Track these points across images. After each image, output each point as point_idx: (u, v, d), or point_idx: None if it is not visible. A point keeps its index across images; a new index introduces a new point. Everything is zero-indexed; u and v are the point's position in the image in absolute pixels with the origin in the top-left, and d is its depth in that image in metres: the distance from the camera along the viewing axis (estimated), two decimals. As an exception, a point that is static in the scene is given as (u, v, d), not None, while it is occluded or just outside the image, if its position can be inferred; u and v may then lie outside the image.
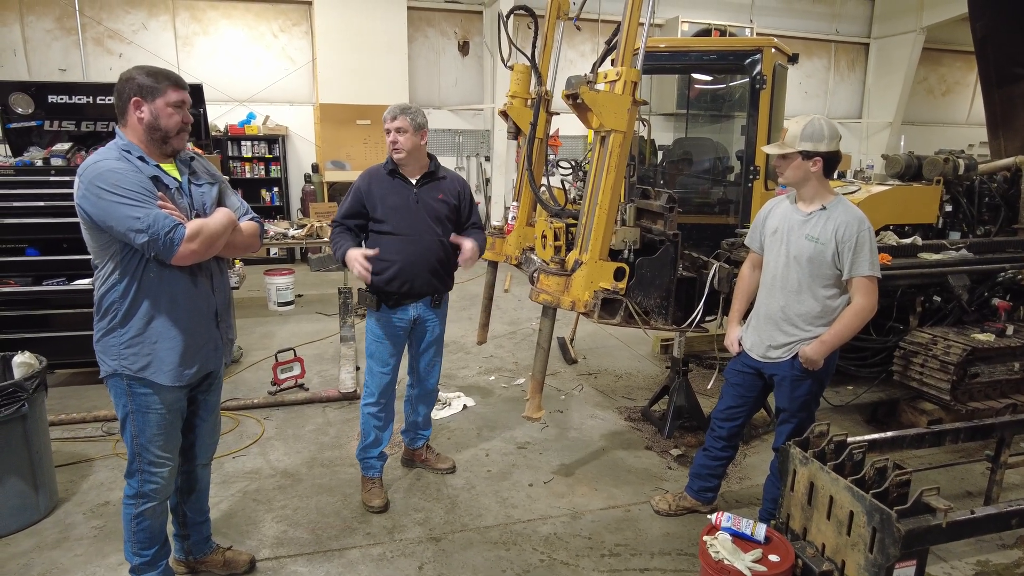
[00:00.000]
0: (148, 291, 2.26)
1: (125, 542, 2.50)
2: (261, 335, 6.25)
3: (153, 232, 2.10)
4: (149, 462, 2.40)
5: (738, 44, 4.88)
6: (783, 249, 2.85)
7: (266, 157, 9.92)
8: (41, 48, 9.06)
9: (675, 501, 3.34)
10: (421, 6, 10.53)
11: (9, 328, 4.78)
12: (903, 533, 2.15)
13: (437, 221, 3.27)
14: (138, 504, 2.43)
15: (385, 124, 3.18)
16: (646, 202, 3.42)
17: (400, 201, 3.21)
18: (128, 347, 2.29)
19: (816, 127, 2.69)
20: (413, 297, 3.31)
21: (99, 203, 2.10)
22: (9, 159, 4.79)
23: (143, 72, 2.22)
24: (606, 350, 6.04)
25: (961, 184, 5.00)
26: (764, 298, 2.96)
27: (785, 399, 2.94)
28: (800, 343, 2.82)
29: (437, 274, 3.32)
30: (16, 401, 2.98)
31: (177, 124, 2.26)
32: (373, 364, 3.35)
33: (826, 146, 2.70)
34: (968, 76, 13.78)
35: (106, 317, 2.30)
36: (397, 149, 3.16)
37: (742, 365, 3.08)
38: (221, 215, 2.36)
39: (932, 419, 4.07)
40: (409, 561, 2.95)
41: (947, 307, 4.36)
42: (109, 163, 2.14)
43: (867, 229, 2.69)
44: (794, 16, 12.40)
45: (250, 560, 2.87)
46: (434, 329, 3.46)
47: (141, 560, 2.50)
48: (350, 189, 3.30)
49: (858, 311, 2.72)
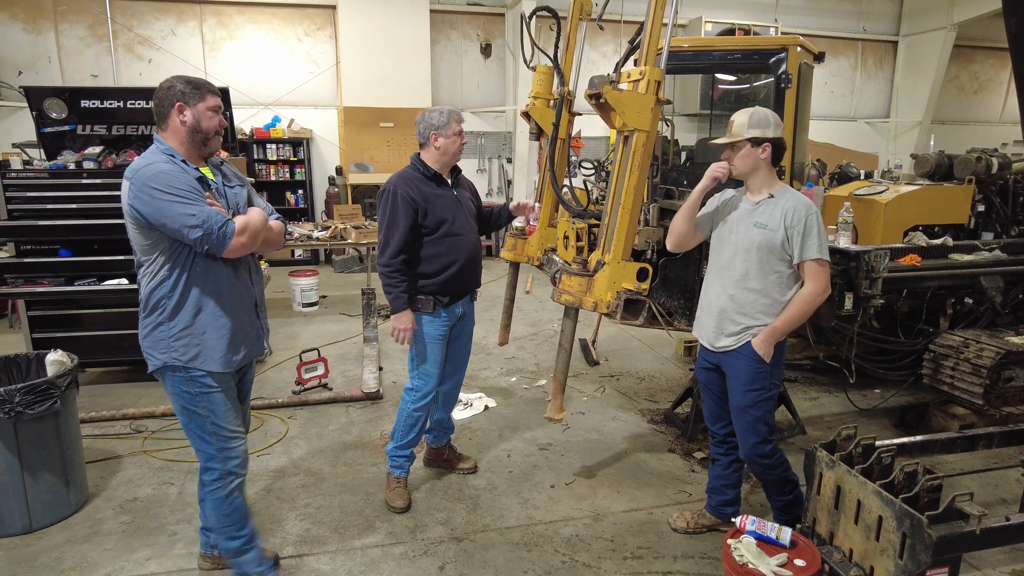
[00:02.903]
0: (195, 284, 2.36)
1: (218, 531, 2.56)
2: (286, 335, 6.32)
3: (208, 227, 2.22)
4: (226, 438, 2.49)
5: (763, 43, 4.80)
6: (732, 239, 2.83)
7: (291, 160, 10.06)
8: (74, 55, 9.29)
9: (694, 519, 3.21)
10: (444, 9, 10.59)
11: (42, 327, 4.91)
12: (935, 539, 2.11)
13: (474, 217, 3.43)
14: (226, 484, 2.50)
15: (457, 126, 3.26)
16: (670, 202, 3.40)
17: (449, 202, 3.29)
18: (177, 339, 2.37)
19: (761, 115, 2.73)
20: (467, 293, 3.43)
21: (153, 203, 2.20)
22: (43, 163, 4.91)
23: (182, 80, 2.34)
24: (628, 352, 6.01)
25: (994, 183, 4.88)
26: (714, 288, 2.91)
27: (739, 395, 2.83)
28: (749, 331, 2.77)
29: (480, 268, 3.50)
30: (49, 398, 3.05)
31: (216, 126, 2.39)
32: (429, 367, 3.34)
33: (772, 132, 2.72)
34: (1001, 73, 13.46)
35: (154, 312, 2.38)
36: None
37: (704, 361, 3.05)
38: (258, 212, 2.47)
39: (964, 423, 3.98)
40: (431, 560, 2.96)
41: (979, 309, 4.26)
42: (159, 165, 2.26)
43: (815, 214, 2.69)
44: (820, 15, 12.23)
45: (274, 557, 2.90)
46: (471, 321, 3.59)
47: (240, 542, 2.57)
48: (390, 206, 3.17)
49: (807, 295, 2.70)
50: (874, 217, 4.56)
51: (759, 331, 2.75)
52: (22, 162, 4.85)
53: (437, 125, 3.22)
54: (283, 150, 10.00)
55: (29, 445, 3.06)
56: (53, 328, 4.91)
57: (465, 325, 3.54)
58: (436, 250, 3.23)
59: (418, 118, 3.29)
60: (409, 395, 3.39)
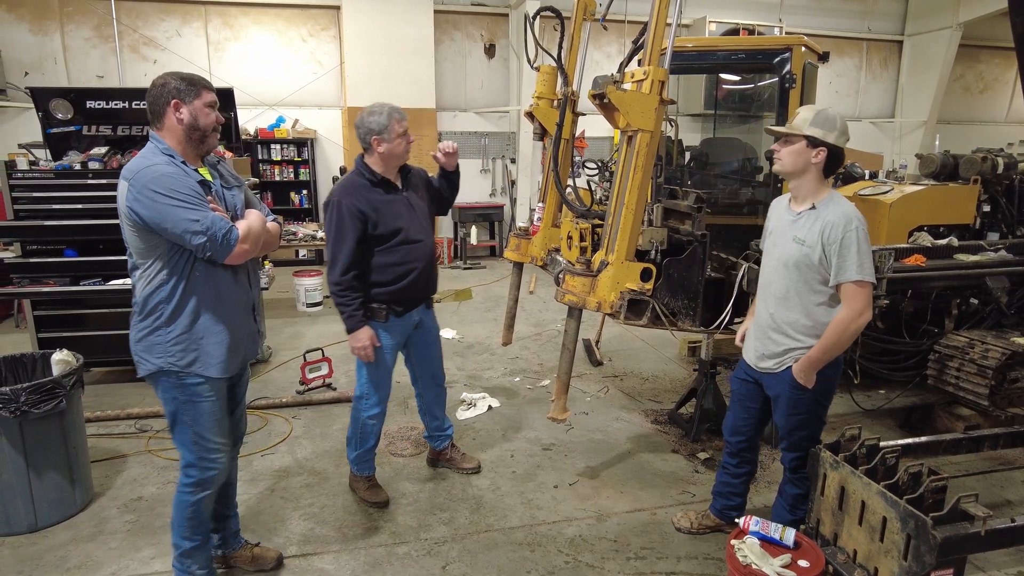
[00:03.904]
0: (195, 289, 2.32)
1: (175, 527, 2.55)
2: (290, 335, 6.34)
3: (212, 234, 2.18)
4: (207, 449, 2.46)
5: (767, 43, 4.80)
6: (774, 252, 2.68)
7: (295, 160, 10.07)
8: (80, 56, 9.32)
9: (698, 519, 3.19)
10: (448, 9, 10.59)
11: (48, 327, 4.93)
12: (939, 540, 2.10)
13: (428, 220, 3.24)
14: (196, 492, 2.49)
15: (400, 127, 3.01)
16: (674, 202, 3.39)
17: (401, 207, 3.11)
18: (175, 344, 2.33)
19: (829, 116, 2.49)
20: (422, 301, 3.30)
21: (154, 206, 2.15)
22: (49, 163, 4.93)
23: (176, 77, 2.28)
24: (632, 352, 6.00)
25: (1000, 183, 4.86)
26: (758, 304, 2.79)
27: (782, 417, 2.72)
28: (792, 354, 2.61)
29: (436, 274, 3.35)
30: (54, 398, 3.06)
31: (212, 123, 2.34)
32: (380, 375, 3.24)
33: (835, 139, 2.48)
34: (1007, 73, 13.39)
35: (150, 316, 2.34)
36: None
37: (743, 373, 2.90)
38: (257, 216, 2.44)
39: (969, 424, 3.96)
40: (434, 560, 2.96)
41: (985, 310, 4.24)
42: (161, 167, 2.20)
43: (855, 228, 2.42)
44: (824, 14, 12.19)
45: (278, 556, 2.91)
46: (434, 327, 3.47)
47: (192, 544, 2.56)
48: (335, 220, 3.02)
49: (841, 321, 2.45)
50: (879, 217, 4.54)
51: (801, 354, 2.58)
52: (28, 162, 4.87)
53: (377, 129, 2.98)
54: (287, 150, 10.01)
55: (35, 444, 3.08)
56: (58, 328, 4.94)
57: (425, 334, 3.41)
58: (391, 258, 3.08)
59: (357, 121, 3.04)
60: (360, 403, 3.29)
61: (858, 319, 2.44)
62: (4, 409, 2.91)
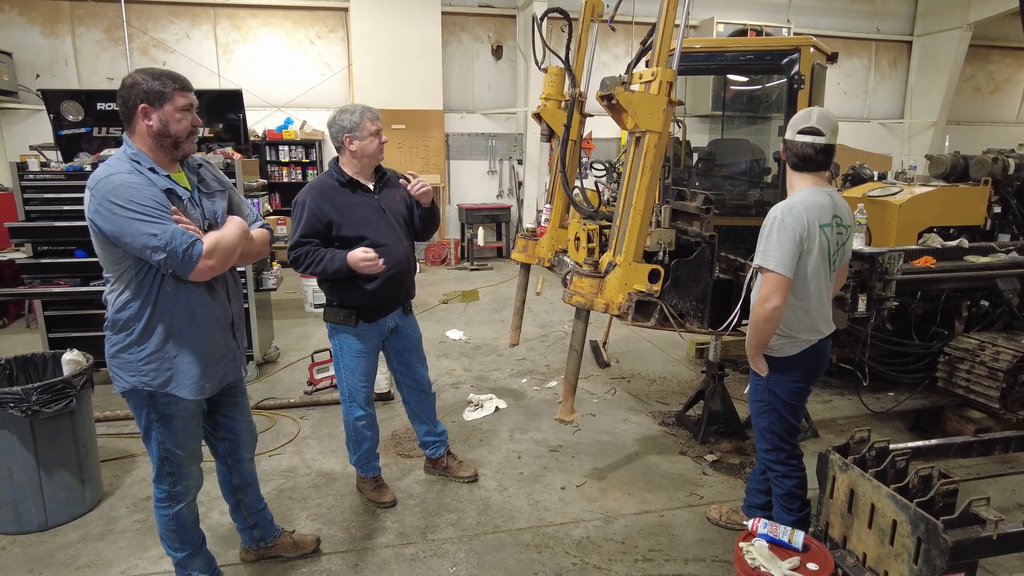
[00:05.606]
0: (166, 307, 2.19)
1: (163, 541, 2.54)
2: (298, 336, 6.36)
3: (171, 249, 2.03)
4: (178, 464, 2.40)
5: (775, 43, 4.78)
6: None
7: (303, 161, 10.10)
8: (91, 58, 9.40)
9: (728, 514, 3.23)
10: (455, 11, 10.61)
11: (58, 327, 4.97)
12: (950, 544, 2.08)
13: (402, 225, 3.16)
14: (172, 505, 2.45)
15: (373, 125, 3.00)
16: (682, 203, 3.39)
17: (369, 210, 3.05)
18: (147, 363, 2.22)
19: (801, 113, 2.58)
20: (396, 307, 3.24)
21: (113, 218, 2.01)
22: (60, 164, 4.97)
23: (148, 76, 2.11)
24: (640, 354, 5.99)
25: (1011, 184, 4.83)
26: None
27: (750, 402, 2.83)
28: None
29: (412, 281, 3.29)
30: (65, 397, 3.08)
31: (186, 128, 2.18)
32: (356, 379, 3.21)
33: (790, 132, 2.56)
34: (1018, 73, 13.31)
35: (121, 332, 2.22)
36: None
37: None
38: (234, 226, 2.28)
39: (980, 427, 3.94)
40: (441, 561, 2.97)
41: (996, 312, 4.21)
42: (121, 176, 2.05)
43: (774, 218, 2.47)
44: (833, 15, 12.15)
45: (316, 540, 3.00)
46: (414, 333, 3.41)
47: (184, 554, 2.56)
48: (298, 217, 2.99)
49: (752, 306, 2.55)
50: (888, 219, 4.52)
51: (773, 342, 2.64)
52: (39, 164, 4.91)
53: (349, 127, 2.96)
54: (295, 152, 10.05)
55: (45, 444, 3.10)
56: (69, 328, 4.97)
57: (403, 340, 3.35)
58: None
59: (329, 121, 3.04)
60: (346, 407, 3.29)
61: (764, 304, 2.48)
62: (15, 409, 2.93)
